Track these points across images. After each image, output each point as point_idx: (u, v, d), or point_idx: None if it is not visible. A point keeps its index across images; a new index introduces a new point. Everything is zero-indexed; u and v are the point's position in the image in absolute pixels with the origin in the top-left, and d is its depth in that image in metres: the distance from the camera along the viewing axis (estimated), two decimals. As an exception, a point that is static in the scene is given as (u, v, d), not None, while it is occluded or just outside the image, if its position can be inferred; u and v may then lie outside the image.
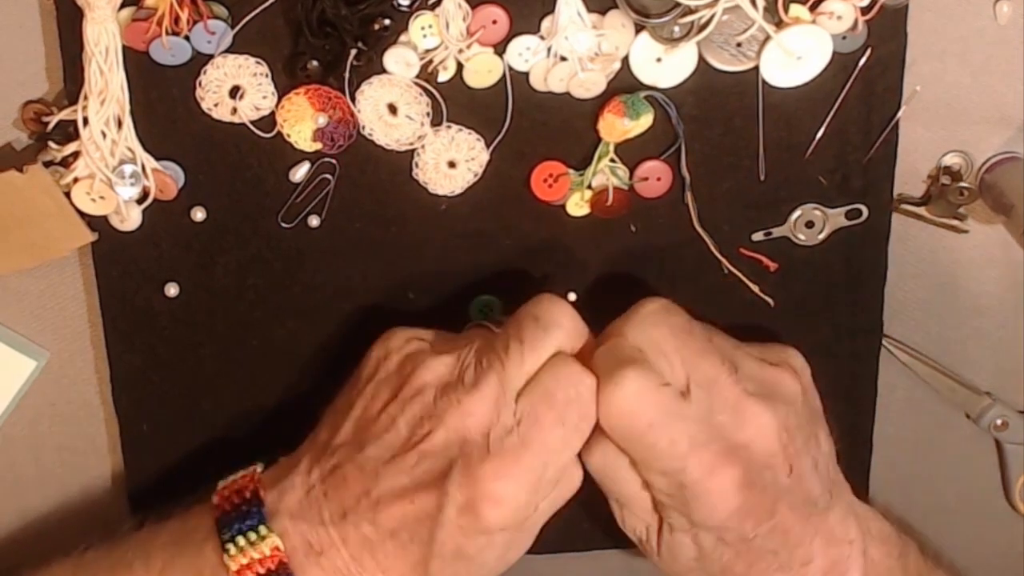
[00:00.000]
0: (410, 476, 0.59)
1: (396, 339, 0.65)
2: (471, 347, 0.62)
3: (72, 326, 0.72)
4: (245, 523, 0.60)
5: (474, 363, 0.61)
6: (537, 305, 0.63)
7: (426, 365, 0.62)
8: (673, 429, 0.60)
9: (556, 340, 0.62)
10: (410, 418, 0.60)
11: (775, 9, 0.64)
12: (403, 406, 0.61)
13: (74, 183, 0.66)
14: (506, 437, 0.59)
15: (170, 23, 0.64)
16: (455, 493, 0.58)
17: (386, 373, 0.63)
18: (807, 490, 0.62)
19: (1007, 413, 0.75)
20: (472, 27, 0.64)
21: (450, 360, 0.62)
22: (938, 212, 0.71)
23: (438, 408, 0.60)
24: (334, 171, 0.68)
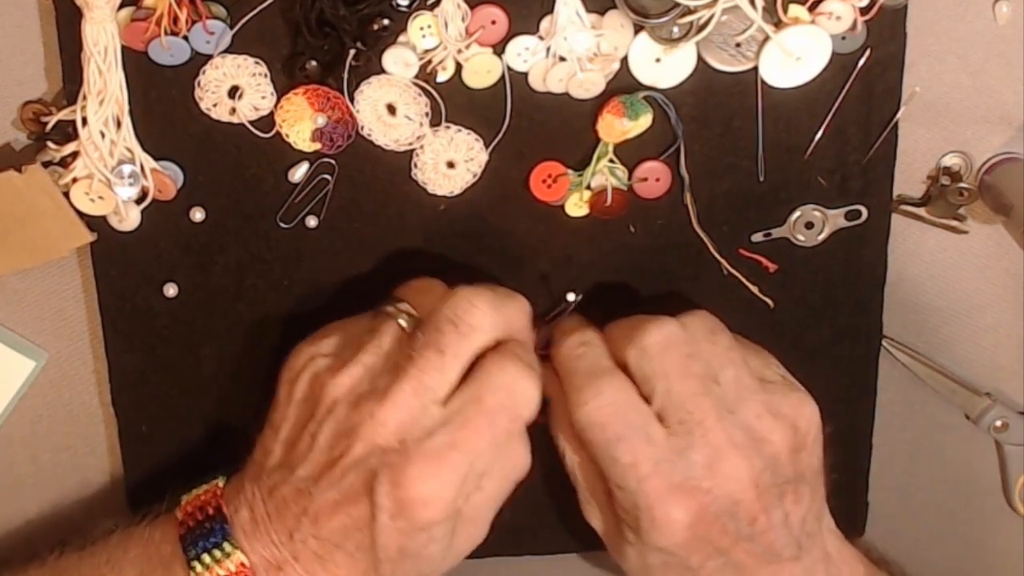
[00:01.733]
0: (338, 490, 0.60)
1: (299, 359, 0.64)
2: (378, 350, 0.62)
3: (71, 327, 0.72)
4: (210, 540, 0.61)
5: (387, 371, 0.61)
6: (454, 308, 0.62)
7: (333, 383, 0.61)
8: (638, 449, 0.61)
9: (477, 343, 0.61)
10: (328, 436, 0.61)
11: (774, 9, 0.64)
12: (320, 425, 0.61)
13: (73, 183, 0.67)
14: (427, 440, 0.59)
15: (169, 23, 0.64)
16: (383, 501, 0.58)
17: (300, 394, 0.63)
18: (770, 541, 0.62)
19: (1007, 414, 0.75)
20: (471, 27, 0.65)
21: (357, 372, 0.61)
22: (938, 213, 0.71)
23: (352, 422, 0.60)
24: (333, 171, 0.68)
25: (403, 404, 0.59)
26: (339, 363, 0.62)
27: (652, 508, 0.61)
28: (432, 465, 0.58)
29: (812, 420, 0.65)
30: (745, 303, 0.71)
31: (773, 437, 0.63)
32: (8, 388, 0.72)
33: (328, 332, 0.66)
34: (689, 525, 0.61)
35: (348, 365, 0.61)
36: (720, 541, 0.62)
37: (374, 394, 0.60)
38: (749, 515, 0.62)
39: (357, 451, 0.59)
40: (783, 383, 0.66)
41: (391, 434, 0.59)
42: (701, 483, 0.61)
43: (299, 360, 0.64)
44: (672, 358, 0.62)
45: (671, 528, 0.61)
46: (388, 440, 0.59)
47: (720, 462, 0.61)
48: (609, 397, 0.62)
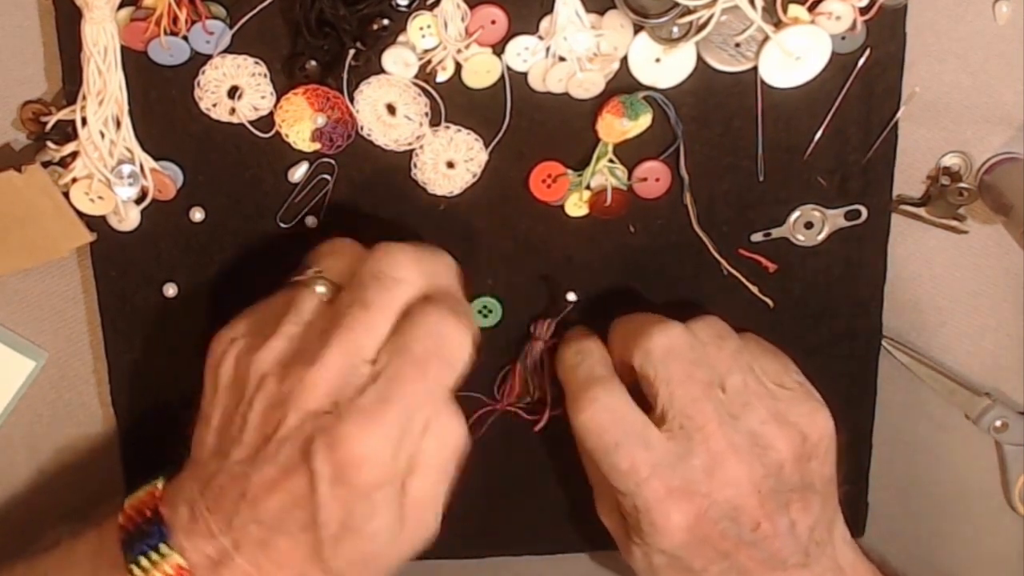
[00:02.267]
0: (275, 465, 0.58)
1: (219, 345, 0.63)
2: (298, 319, 0.61)
3: (71, 327, 0.73)
4: (146, 542, 0.60)
5: (312, 337, 0.60)
6: (376, 261, 0.61)
7: (257, 359, 0.60)
8: (636, 454, 0.62)
9: (404, 295, 0.60)
10: (260, 411, 0.59)
11: (774, 9, 0.64)
12: (250, 404, 0.59)
13: (72, 183, 0.67)
14: (359, 397, 0.57)
15: (168, 23, 0.64)
16: (321, 467, 0.57)
17: (226, 379, 0.62)
18: (775, 548, 0.63)
19: (1007, 414, 0.75)
20: (471, 27, 0.65)
21: (279, 344, 0.60)
22: (937, 213, 0.71)
23: (283, 392, 0.58)
24: (333, 171, 0.68)
25: (332, 365, 0.58)
26: (260, 340, 0.61)
27: (651, 511, 0.62)
28: (366, 422, 0.57)
29: (824, 430, 0.65)
30: (745, 303, 0.71)
31: (778, 444, 0.63)
32: (8, 388, 0.72)
33: (245, 314, 0.64)
34: (688, 528, 0.62)
35: (270, 339, 0.60)
36: (721, 545, 0.62)
37: (302, 360, 0.58)
38: (751, 521, 0.62)
39: (291, 420, 0.58)
40: (798, 390, 0.66)
41: (323, 397, 0.57)
42: (700, 487, 0.62)
43: (219, 345, 0.63)
44: (676, 364, 0.63)
45: (670, 531, 0.62)
46: (320, 403, 0.57)
47: (719, 467, 0.62)
48: (604, 404, 0.63)
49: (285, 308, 0.62)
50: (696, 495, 0.62)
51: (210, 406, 0.62)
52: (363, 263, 0.61)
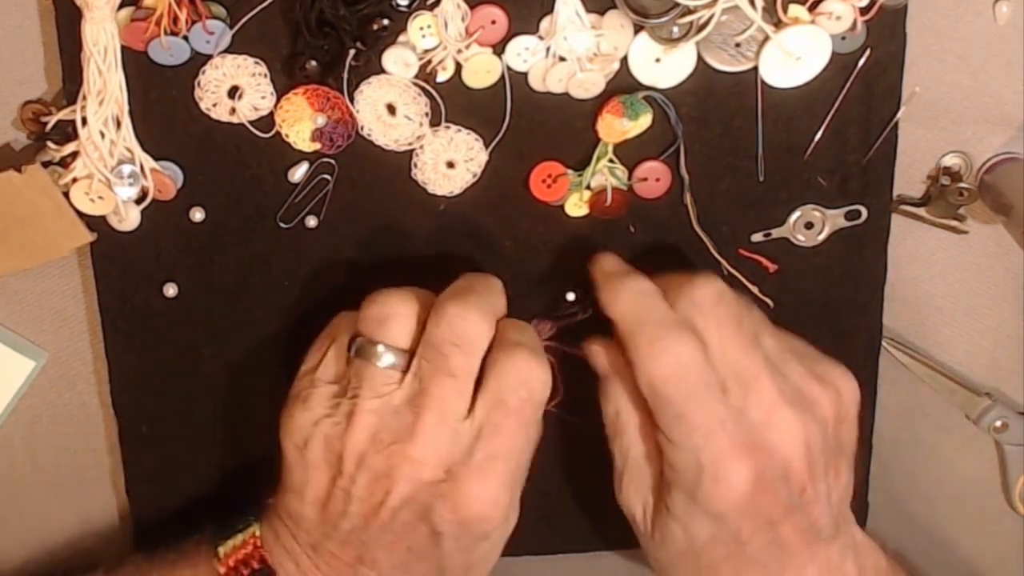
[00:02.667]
0: (392, 531, 0.61)
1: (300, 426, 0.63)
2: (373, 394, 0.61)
3: (71, 327, 0.73)
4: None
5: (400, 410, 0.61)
6: (450, 328, 0.61)
7: (351, 439, 0.61)
8: (709, 407, 0.60)
9: (482, 353, 0.62)
10: (364, 486, 0.61)
11: (774, 9, 0.65)
12: (352, 480, 0.61)
13: (72, 183, 0.67)
14: (469, 459, 0.60)
15: (168, 23, 0.64)
16: (445, 528, 0.60)
17: (316, 457, 0.62)
18: (815, 516, 0.63)
19: (1007, 414, 0.75)
20: (471, 27, 0.65)
21: (369, 421, 0.61)
22: (938, 213, 0.71)
23: (387, 467, 0.60)
24: (333, 171, 0.69)
25: (434, 437, 0.60)
26: (344, 419, 0.61)
27: (717, 466, 0.60)
28: (482, 481, 0.60)
29: (854, 392, 0.65)
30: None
31: (821, 400, 0.63)
32: (8, 388, 0.72)
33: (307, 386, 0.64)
34: (750, 485, 0.60)
35: (355, 418, 0.61)
36: (772, 511, 0.61)
37: (400, 436, 0.60)
38: (799, 483, 0.61)
39: (402, 491, 0.60)
40: (821, 356, 0.66)
41: (433, 468, 0.60)
42: (759, 442, 0.61)
43: (300, 427, 0.63)
44: (724, 312, 0.62)
45: (733, 487, 0.60)
46: (433, 474, 0.60)
47: (775, 419, 0.61)
48: (683, 353, 0.60)
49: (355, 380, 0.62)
50: (756, 450, 0.60)
51: (301, 482, 0.63)
52: (434, 328, 0.61)
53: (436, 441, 0.60)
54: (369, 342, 0.62)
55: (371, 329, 0.63)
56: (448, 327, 0.61)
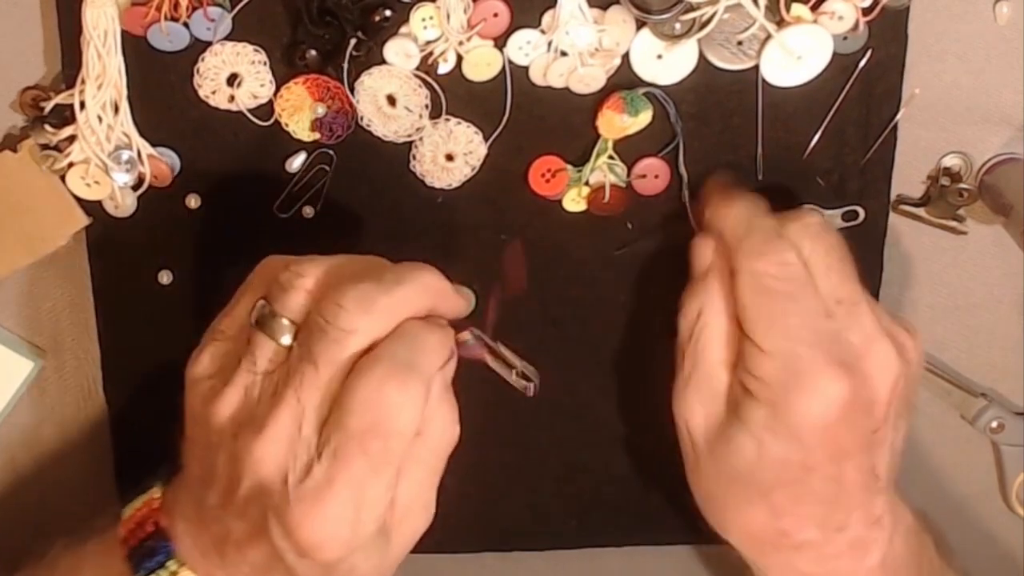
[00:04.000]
0: (245, 521, 0.57)
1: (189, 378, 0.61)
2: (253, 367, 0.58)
3: (71, 326, 0.74)
4: (154, 559, 0.60)
5: (268, 392, 0.57)
6: (326, 306, 0.56)
7: (215, 409, 0.58)
8: (809, 314, 0.60)
9: (354, 346, 0.56)
10: (223, 463, 0.57)
11: (776, 8, 0.66)
12: (216, 452, 0.58)
13: (69, 167, 0.68)
14: (306, 478, 0.55)
15: (169, 9, 0.66)
16: (281, 543, 0.55)
17: (193, 417, 0.60)
18: (876, 461, 0.62)
19: (1004, 415, 0.77)
20: (473, 19, 0.66)
21: (235, 396, 0.57)
22: (937, 213, 0.73)
23: (237, 454, 0.56)
24: (331, 162, 0.70)
25: (279, 437, 0.55)
26: (221, 383, 0.59)
27: (812, 375, 0.59)
28: (314, 507, 0.54)
29: (921, 352, 0.65)
30: None
31: (908, 346, 0.63)
32: (7, 388, 0.73)
33: (208, 338, 0.62)
34: (842, 405, 0.59)
35: (226, 389, 0.58)
36: (847, 442, 0.60)
37: (252, 424, 0.56)
38: (877, 421, 0.61)
39: (245, 486, 0.56)
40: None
41: (271, 472, 0.55)
42: (857, 364, 0.60)
43: (190, 376, 0.61)
44: (830, 241, 0.63)
45: (826, 403, 0.59)
46: (270, 478, 0.55)
47: (875, 348, 0.61)
48: (791, 259, 0.61)
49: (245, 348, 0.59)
50: (855, 371, 0.60)
51: (189, 431, 0.61)
52: (316, 305, 0.57)
53: (278, 442, 0.55)
54: (271, 313, 0.58)
55: (277, 295, 0.59)
56: (324, 306, 0.56)
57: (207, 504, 0.58)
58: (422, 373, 0.56)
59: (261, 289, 0.61)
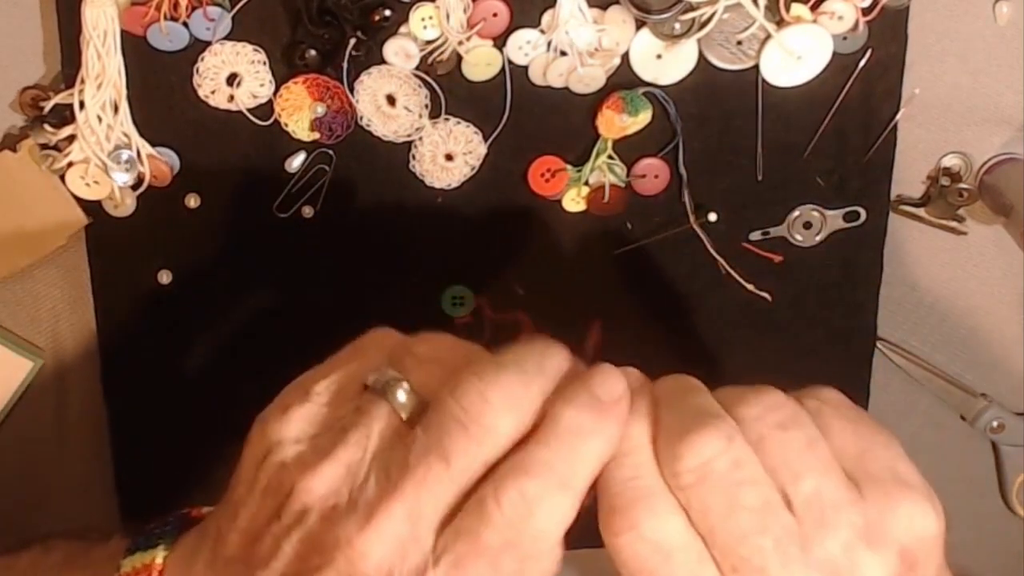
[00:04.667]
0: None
1: (265, 437, 0.52)
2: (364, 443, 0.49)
3: (71, 326, 0.74)
4: None
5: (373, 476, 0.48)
6: (462, 401, 0.48)
7: (304, 484, 0.49)
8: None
9: (493, 449, 0.48)
10: (296, 547, 0.49)
11: (776, 8, 0.67)
12: (287, 531, 0.49)
13: (68, 167, 0.69)
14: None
15: (169, 8, 0.66)
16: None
17: (265, 481, 0.51)
18: None
19: (1003, 415, 0.77)
20: (472, 19, 0.67)
21: (334, 473, 0.49)
22: (937, 213, 0.73)
23: (325, 540, 0.48)
24: (330, 161, 0.70)
25: (390, 533, 0.47)
26: (313, 454, 0.50)
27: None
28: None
29: (928, 533, 0.51)
30: (742, 302, 0.73)
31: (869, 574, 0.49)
32: (7, 388, 0.73)
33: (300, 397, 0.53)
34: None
35: (324, 461, 0.49)
36: None
37: (355, 511, 0.48)
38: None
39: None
40: (893, 484, 0.50)
41: (373, 570, 0.47)
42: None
43: (264, 439, 0.52)
44: (713, 490, 0.48)
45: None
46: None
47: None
48: (647, 533, 0.48)
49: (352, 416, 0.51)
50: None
51: (240, 501, 0.52)
52: (449, 391, 0.49)
53: (389, 539, 0.47)
54: (395, 379, 0.51)
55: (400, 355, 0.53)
56: (460, 397, 0.49)
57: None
58: (577, 492, 0.48)
59: (374, 357, 0.53)
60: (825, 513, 0.48)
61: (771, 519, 0.47)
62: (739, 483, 0.48)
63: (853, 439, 0.51)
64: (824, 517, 0.48)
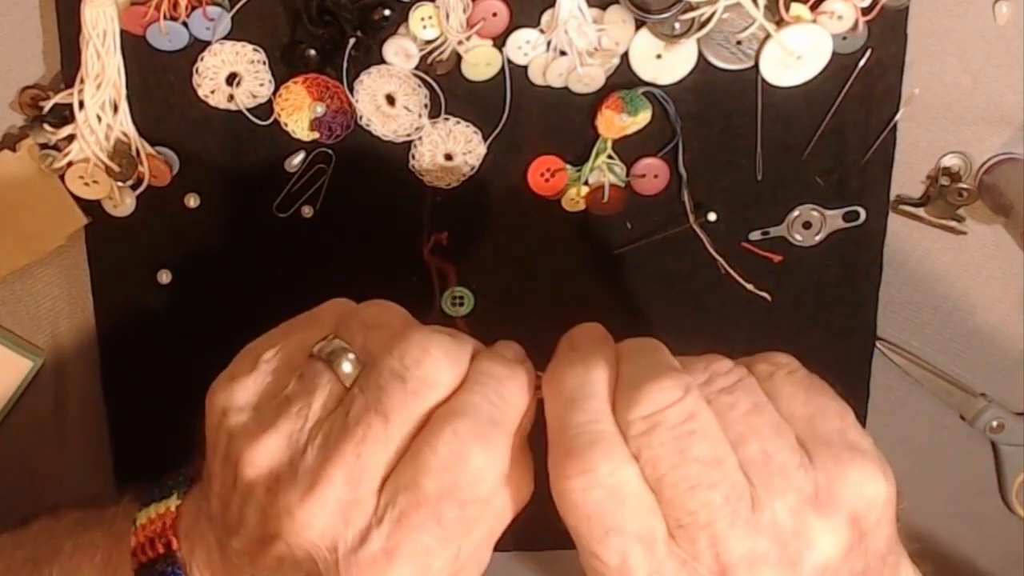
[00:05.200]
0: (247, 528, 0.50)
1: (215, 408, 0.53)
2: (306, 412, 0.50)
3: (71, 326, 0.75)
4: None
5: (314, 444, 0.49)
6: (402, 356, 0.50)
7: (248, 457, 0.50)
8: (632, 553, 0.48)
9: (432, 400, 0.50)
10: (252, 517, 0.50)
11: (776, 8, 0.67)
12: (244, 500, 0.50)
13: (68, 167, 0.69)
14: (361, 548, 0.48)
15: (168, 8, 0.67)
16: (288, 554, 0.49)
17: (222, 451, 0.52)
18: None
19: (1003, 415, 0.77)
20: (472, 19, 0.67)
21: (277, 445, 0.50)
22: (937, 213, 0.73)
23: (272, 512, 0.49)
24: (330, 161, 0.71)
25: (332, 500, 0.48)
26: (256, 425, 0.51)
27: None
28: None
29: (878, 499, 0.50)
30: (742, 302, 0.73)
31: (819, 542, 0.47)
32: (7, 388, 0.74)
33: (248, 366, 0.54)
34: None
35: (265, 433, 0.50)
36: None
37: (296, 481, 0.48)
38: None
39: (281, 549, 0.49)
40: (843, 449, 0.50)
41: (318, 538, 0.48)
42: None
43: (215, 409, 0.53)
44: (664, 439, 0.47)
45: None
46: (316, 545, 0.48)
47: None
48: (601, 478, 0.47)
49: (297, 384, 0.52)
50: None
51: (210, 467, 0.54)
52: (384, 352, 0.51)
53: (327, 507, 0.48)
54: (341, 348, 0.52)
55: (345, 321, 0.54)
56: (400, 354, 0.50)
57: (231, 548, 0.51)
58: (507, 430, 0.50)
59: (325, 325, 0.55)
60: (772, 477, 0.47)
61: (721, 474, 0.47)
62: (690, 433, 0.47)
63: (804, 404, 0.51)
64: (771, 481, 0.47)
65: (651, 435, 0.47)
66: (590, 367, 0.52)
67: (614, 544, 0.47)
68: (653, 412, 0.48)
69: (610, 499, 0.47)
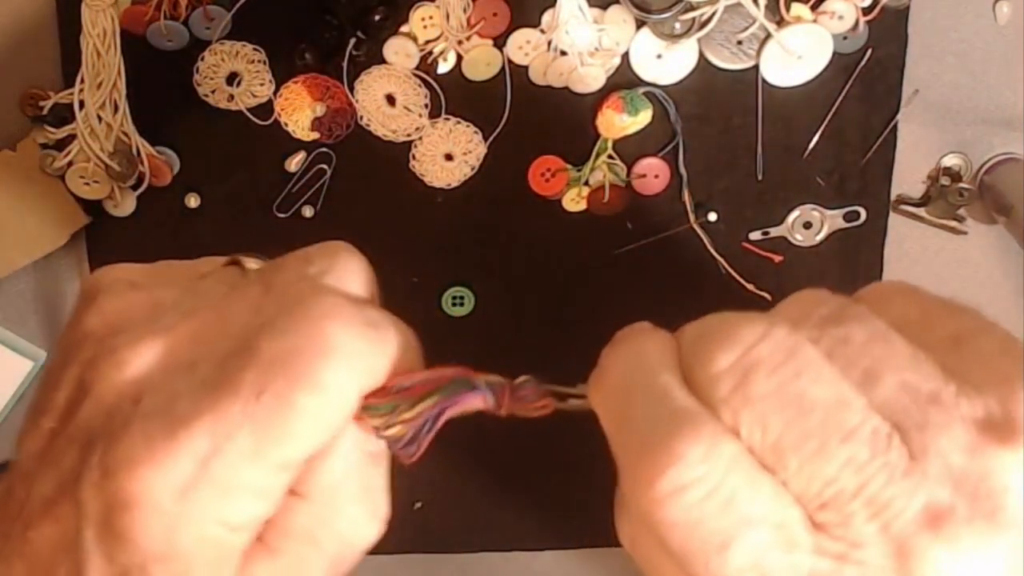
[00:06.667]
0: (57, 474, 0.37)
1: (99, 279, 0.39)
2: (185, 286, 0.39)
3: None
4: None
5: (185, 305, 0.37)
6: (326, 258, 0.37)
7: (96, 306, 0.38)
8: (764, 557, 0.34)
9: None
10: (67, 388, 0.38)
11: (776, 8, 0.67)
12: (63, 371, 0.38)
13: (68, 167, 0.70)
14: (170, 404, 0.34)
15: (169, 8, 0.67)
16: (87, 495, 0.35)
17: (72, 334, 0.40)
18: None
19: None
20: (472, 19, 0.68)
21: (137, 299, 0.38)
22: (937, 213, 0.74)
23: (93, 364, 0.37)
24: (330, 161, 0.71)
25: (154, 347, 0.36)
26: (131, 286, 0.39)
27: None
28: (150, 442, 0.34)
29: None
30: (742, 302, 0.72)
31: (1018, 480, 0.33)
32: (7, 388, 0.75)
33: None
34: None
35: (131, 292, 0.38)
36: None
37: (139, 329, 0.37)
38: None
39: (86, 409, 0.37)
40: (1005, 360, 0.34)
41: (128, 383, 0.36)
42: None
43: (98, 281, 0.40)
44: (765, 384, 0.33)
45: None
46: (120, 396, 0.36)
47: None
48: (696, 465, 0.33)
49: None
50: None
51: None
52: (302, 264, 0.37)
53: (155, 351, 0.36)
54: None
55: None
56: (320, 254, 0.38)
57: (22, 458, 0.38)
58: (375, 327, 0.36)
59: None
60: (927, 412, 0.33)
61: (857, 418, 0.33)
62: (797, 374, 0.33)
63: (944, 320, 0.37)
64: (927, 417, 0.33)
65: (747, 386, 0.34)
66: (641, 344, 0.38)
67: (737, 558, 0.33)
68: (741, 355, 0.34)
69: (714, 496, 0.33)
